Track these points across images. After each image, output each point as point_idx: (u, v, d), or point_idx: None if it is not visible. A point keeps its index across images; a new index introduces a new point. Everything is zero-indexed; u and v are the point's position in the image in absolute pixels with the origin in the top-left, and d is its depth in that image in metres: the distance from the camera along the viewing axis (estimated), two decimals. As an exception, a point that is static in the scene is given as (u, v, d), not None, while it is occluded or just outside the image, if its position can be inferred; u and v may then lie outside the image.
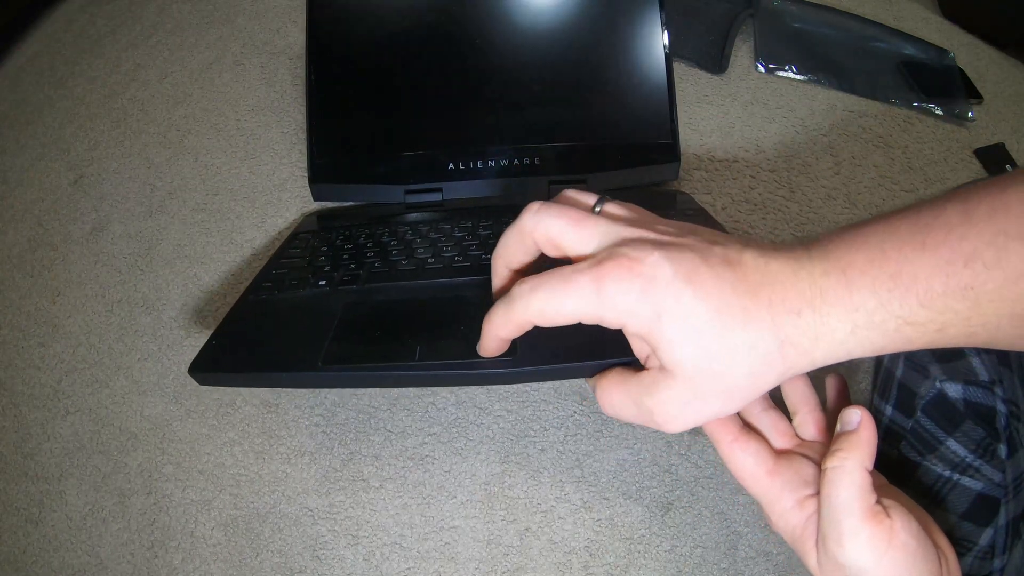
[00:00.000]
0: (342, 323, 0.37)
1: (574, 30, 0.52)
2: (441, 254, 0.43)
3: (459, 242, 0.44)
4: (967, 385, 0.33)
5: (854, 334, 0.23)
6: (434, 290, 0.39)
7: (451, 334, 0.35)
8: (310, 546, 0.42)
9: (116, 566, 0.42)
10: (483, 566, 0.40)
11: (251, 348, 0.37)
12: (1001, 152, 0.59)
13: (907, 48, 0.67)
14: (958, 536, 0.34)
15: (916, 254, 0.22)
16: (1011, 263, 0.21)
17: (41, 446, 0.47)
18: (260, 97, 0.65)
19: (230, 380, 0.38)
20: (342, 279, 0.41)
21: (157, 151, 0.63)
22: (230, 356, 0.36)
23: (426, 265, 0.42)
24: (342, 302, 0.39)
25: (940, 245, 0.21)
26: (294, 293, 0.40)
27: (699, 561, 0.40)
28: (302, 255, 0.46)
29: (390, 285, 0.40)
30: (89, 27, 0.75)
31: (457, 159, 0.53)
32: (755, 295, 0.23)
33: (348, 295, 0.39)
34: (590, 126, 0.53)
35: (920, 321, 0.22)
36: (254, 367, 0.35)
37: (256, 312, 0.39)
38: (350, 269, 0.42)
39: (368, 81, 0.53)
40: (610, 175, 0.53)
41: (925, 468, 0.35)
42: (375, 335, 0.36)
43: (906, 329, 0.22)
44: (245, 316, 0.39)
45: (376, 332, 0.36)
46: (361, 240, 0.46)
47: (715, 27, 0.67)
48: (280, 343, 0.37)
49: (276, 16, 0.72)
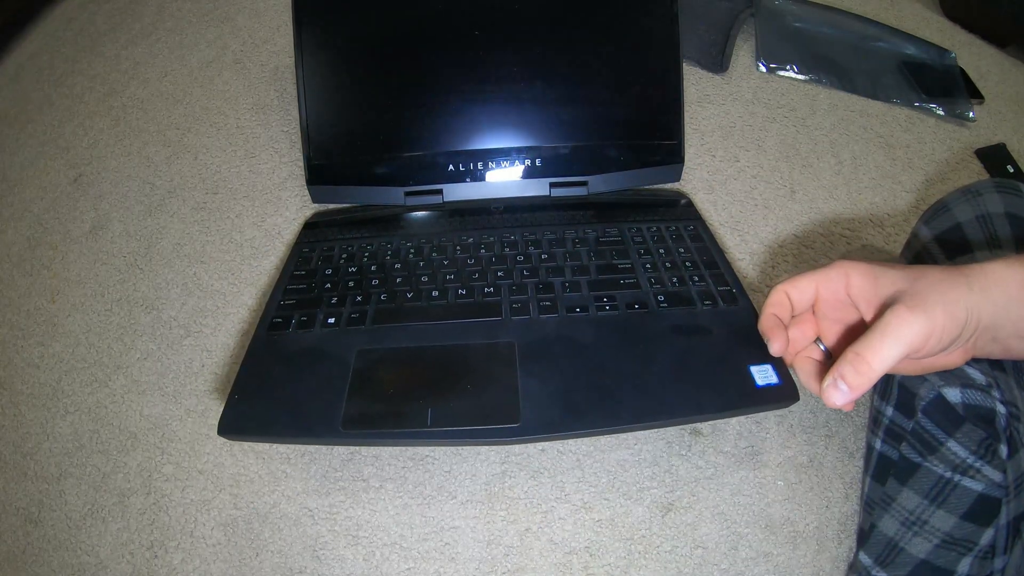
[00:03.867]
0: (356, 378, 0.40)
1: (579, 30, 0.51)
2: (444, 286, 0.45)
3: (462, 267, 0.47)
4: (964, 388, 0.33)
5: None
6: (440, 333, 0.42)
7: (459, 395, 0.38)
8: (310, 546, 0.42)
9: (115, 566, 0.42)
10: (483, 566, 0.40)
11: (273, 408, 0.39)
12: (1002, 152, 0.59)
13: (908, 48, 0.67)
14: (959, 536, 0.34)
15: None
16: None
17: (40, 445, 0.47)
18: (260, 95, 0.65)
19: (257, 439, 0.42)
20: (350, 317, 0.44)
21: (157, 149, 0.63)
22: (255, 419, 0.39)
23: (431, 303, 0.44)
24: (353, 348, 0.41)
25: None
26: (306, 332, 0.43)
27: (699, 561, 0.40)
28: (308, 283, 0.47)
29: (397, 328, 0.43)
30: (89, 25, 0.75)
31: (457, 161, 0.52)
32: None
33: (358, 336, 0.42)
34: (593, 127, 0.52)
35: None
36: (279, 433, 0.38)
37: (271, 358, 0.42)
38: (357, 303, 0.45)
39: (365, 82, 0.52)
40: (611, 177, 0.53)
41: (926, 469, 0.35)
42: (388, 393, 0.39)
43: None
44: (261, 364, 0.42)
45: (389, 390, 0.39)
46: (365, 260, 0.48)
47: (716, 26, 0.67)
48: (300, 401, 0.39)
49: (276, 14, 0.72)
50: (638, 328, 0.41)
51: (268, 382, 0.41)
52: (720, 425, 0.45)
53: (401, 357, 0.41)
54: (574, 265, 0.46)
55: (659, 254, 0.47)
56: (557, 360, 0.40)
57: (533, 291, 0.44)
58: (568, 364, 0.39)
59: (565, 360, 0.40)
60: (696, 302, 0.43)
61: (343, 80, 0.52)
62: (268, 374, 0.41)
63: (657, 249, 0.47)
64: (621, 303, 0.43)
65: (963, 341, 0.30)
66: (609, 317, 0.42)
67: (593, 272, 0.45)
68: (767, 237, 0.54)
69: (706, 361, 0.39)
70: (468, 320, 0.43)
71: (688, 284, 0.44)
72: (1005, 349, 0.31)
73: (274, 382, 0.40)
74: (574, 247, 0.48)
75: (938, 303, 0.28)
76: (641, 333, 0.41)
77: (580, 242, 0.48)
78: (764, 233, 0.54)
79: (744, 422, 0.45)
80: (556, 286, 0.44)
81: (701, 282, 0.44)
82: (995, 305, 0.29)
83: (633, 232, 0.48)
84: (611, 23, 0.51)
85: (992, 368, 0.34)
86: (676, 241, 0.48)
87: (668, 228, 0.49)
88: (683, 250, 0.47)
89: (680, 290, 0.44)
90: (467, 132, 0.52)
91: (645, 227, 0.49)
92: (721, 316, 0.42)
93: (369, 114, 0.52)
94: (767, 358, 0.38)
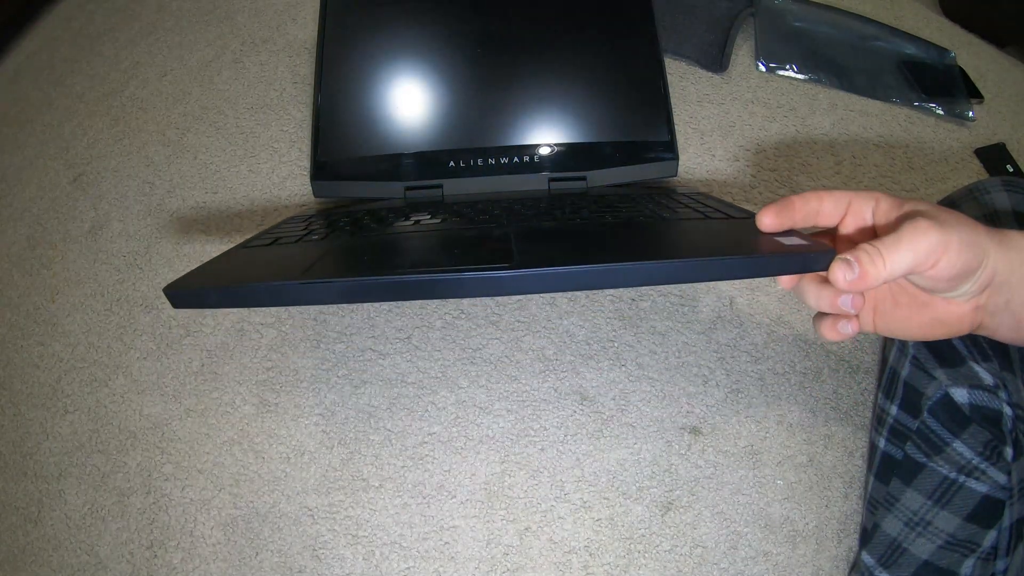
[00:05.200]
0: (330, 249, 0.35)
1: (570, 30, 0.53)
2: (438, 214, 0.42)
3: (458, 210, 0.44)
4: (972, 389, 0.33)
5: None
6: (429, 231, 0.38)
7: (443, 251, 0.33)
8: (310, 546, 0.42)
9: (115, 565, 0.42)
10: (483, 566, 0.40)
11: (233, 272, 0.34)
12: (1001, 152, 0.59)
13: (908, 47, 0.67)
14: (962, 538, 0.34)
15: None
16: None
17: (40, 445, 0.47)
18: (259, 95, 0.65)
19: (207, 299, 0.34)
20: (338, 237, 0.39)
21: (156, 149, 0.63)
22: (209, 276, 0.33)
23: (423, 222, 0.40)
24: (335, 243, 0.37)
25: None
26: (286, 245, 0.38)
27: (698, 560, 0.40)
28: (297, 224, 0.45)
29: (387, 236, 0.39)
30: (88, 25, 0.75)
31: (457, 157, 0.53)
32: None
33: (341, 239, 0.38)
34: (589, 124, 0.53)
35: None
36: (231, 281, 0.32)
37: (243, 257, 0.37)
38: (346, 231, 0.41)
39: (373, 79, 0.53)
40: (609, 172, 0.53)
41: (931, 470, 0.35)
42: (363, 258, 0.34)
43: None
44: (230, 255, 0.37)
45: (365, 256, 0.34)
46: (360, 215, 0.45)
47: (716, 26, 0.67)
48: (261, 267, 0.35)
49: (276, 13, 0.72)
50: (646, 226, 0.37)
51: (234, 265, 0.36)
52: (720, 424, 0.45)
53: (385, 239, 0.37)
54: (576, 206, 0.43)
55: (663, 201, 0.44)
56: (558, 235, 0.35)
57: (532, 215, 0.41)
58: (569, 237, 0.35)
59: (567, 236, 0.35)
60: (707, 217, 0.38)
61: (357, 78, 0.53)
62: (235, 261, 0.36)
63: (661, 198, 0.45)
64: (626, 217, 0.38)
65: (976, 288, 0.29)
66: (613, 222, 0.38)
67: (595, 208, 0.42)
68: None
69: (726, 234, 0.35)
70: (463, 228, 0.38)
71: (697, 209, 0.40)
72: (1018, 322, 0.30)
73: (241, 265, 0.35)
74: (575, 201, 0.45)
75: (956, 228, 0.28)
76: (651, 226, 0.37)
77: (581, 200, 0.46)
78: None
79: (744, 421, 0.45)
80: (556, 213, 0.41)
81: (710, 209, 0.40)
82: (1010, 262, 0.29)
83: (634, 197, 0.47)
84: (598, 25, 0.53)
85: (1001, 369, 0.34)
86: (682, 196, 0.46)
87: (674, 192, 0.48)
88: (689, 198, 0.44)
89: (690, 211, 0.40)
90: (467, 129, 0.53)
91: (651, 192, 0.48)
92: (735, 224, 0.36)
93: (374, 111, 0.53)
94: (790, 233, 0.33)
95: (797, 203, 0.32)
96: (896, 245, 0.28)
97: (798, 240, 0.31)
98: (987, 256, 0.28)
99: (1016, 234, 0.29)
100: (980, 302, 0.30)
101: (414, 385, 0.48)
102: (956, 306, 0.31)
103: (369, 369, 0.49)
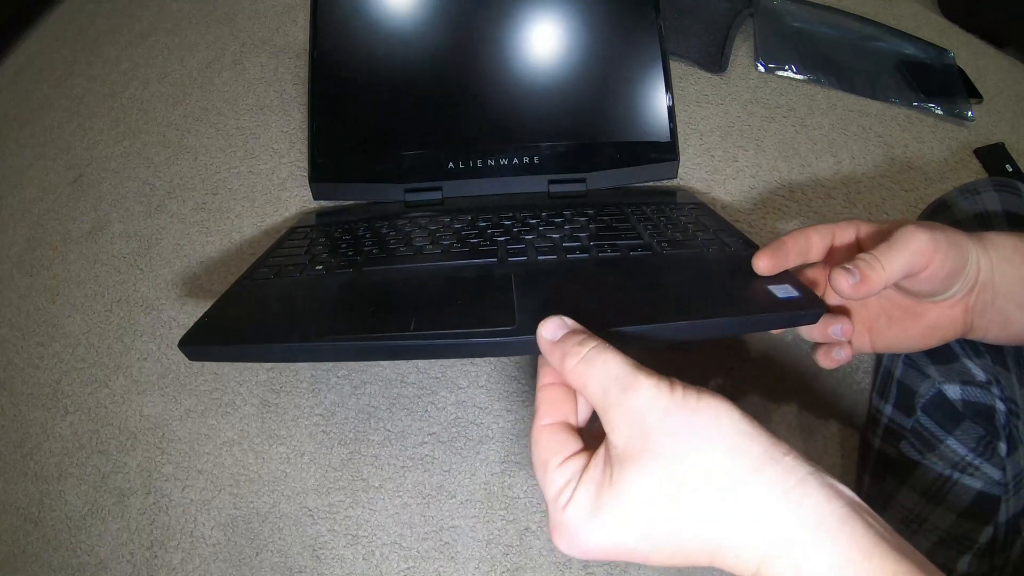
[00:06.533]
0: (338, 299, 0.36)
1: (572, 30, 0.52)
2: (440, 242, 0.42)
3: (457, 232, 0.44)
4: (965, 385, 0.33)
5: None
6: (432, 271, 0.39)
7: (449, 306, 0.34)
8: (310, 546, 0.42)
9: (115, 566, 0.42)
10: (483, 566, 0.40)
11: (243, 324, 0.36)
12: (1001, 152, 0.59)
13: (907, 47, 0.67)
14: (958, 534, 0.34)
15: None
16: None
17: (40, 445, 0.47)
18: (259, 96, 0.65)
19: (221, 354, 0.37)
20: (339, 264, 0.41)
21: (156, 150, 0.63)
22: (221, 331, 0.35)
23: (424, 251, 0.41)
24: (338, 282, 0.38)
25: None
26: (290, 277, 0.40)
27: (699, 560, 0.40)
28: (300, 245, 0.45)
29: (388, 268, 0.39)
30: (88, 26, 0.75)
31: (457, 158, 0.53)
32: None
33: (345, 278, 0.39)
34: (589, 125, 0.53)
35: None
36: (245, 340, 0.34)
37: (251, 294, 0.38)
38: (347, 256, 0.42)
39: (369, 81, 0.53)
40: (609, 174, 0.53)
41: (925, 467, 0.35)
42: (371, 310, 0.35)
43: None
44: (239, 296, 0.38)
45: (372, 307, 0.36)
46: (360, 232, 0.46)
47: (715, 26, 0.67)
48: (273, 318, 0.36)
49: (275, 15, 0.72)
50: (643, 264, 0.38)
51: (243, 310, 0.37)
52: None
53: (389, 284, 0.38)
54: (574, 226, 0.44)
55: (660, 220, 0.44)
56: (558, 283, 0.36)
57: (531, 241, 0.41)
58: (569, 285, 0.36)
59: (566, 284, 0.36)
60: (703, 248, 0.39)
61: (352, 79, 0.53)
62: (244, 303, 0.37)
63: (658, 217, 0.45)
64: (624, 249, 0.39)
65: (964, 287, 0.31)
66: (611, 258, 0.39)
67: (593, 231, 0.43)
68: (766, 237, 0.54)
69: (720, 280, 0.36)
70: (462, 261, 0.39)
71: (693, 236, 0.41)
72: (1004, 319, 0.31)
73: (250, 310, 0.37)
74: (573, 217, 0.46)
75: (942, 230, 0.30)
76: (647, 266, 0.38)
77: (579, 214, 0.46)
78: (762, 233, 0.54)
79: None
80: (555, 239, 0.41)
81: (707, 236, 0.41)
82: (991, 261, 0.31)
83: (634, 209, 0.47)
84: (601, 26, 0.52)
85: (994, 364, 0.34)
86: (678, 211, 0.46)
87: (670, 206, 0.48)
88: (686, 218, 0.45)
89: (685, 239, 0.41)
90: (467, 131, 0.53)
91: (647, 207, 0.48)
92: (729, 258, 0.38)
93: (372, 113, 0.53)
94: (785, 279, 0.34)
95: (788, 243, 0.34)
96: (890, 250, 0.29)
97: (792, 291, 0.32)
98: (973, 258, 0.30)
99: (993, 234, 0.31)
100: (969, 303, 0.31)
101: (414, 385, 0.48)
102: (948, 308, 0.32)
103: (369, 369, 0.49)
